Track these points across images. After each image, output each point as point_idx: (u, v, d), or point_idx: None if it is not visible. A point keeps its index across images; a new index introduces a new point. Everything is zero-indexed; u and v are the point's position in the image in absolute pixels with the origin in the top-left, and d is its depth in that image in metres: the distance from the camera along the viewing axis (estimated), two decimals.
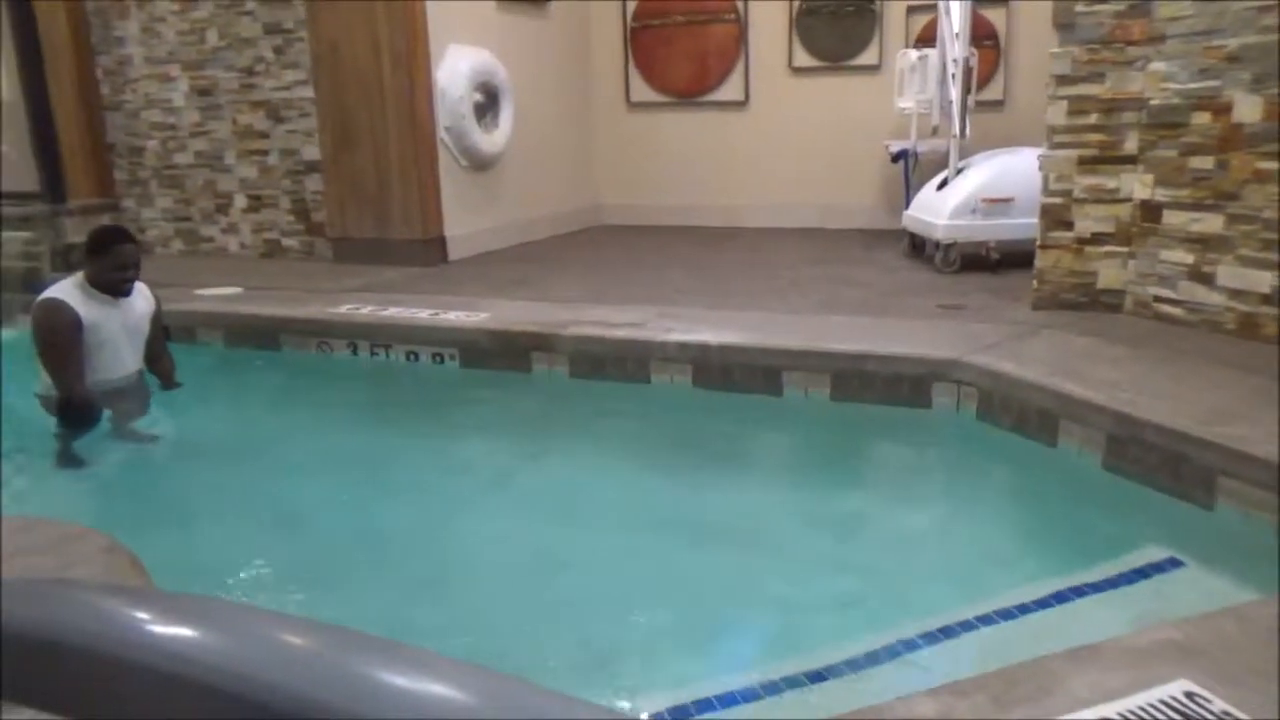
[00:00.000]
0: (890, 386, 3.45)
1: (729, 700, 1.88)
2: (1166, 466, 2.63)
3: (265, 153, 6.36)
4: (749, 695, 1.89)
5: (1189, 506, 2.53)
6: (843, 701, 1.76)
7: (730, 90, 7.39)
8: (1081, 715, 1.40)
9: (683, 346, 3.74)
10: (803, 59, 7.16)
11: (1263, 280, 3.49)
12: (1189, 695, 1.45)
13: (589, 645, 2.18)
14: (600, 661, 2.11)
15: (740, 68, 7.32)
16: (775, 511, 2.98)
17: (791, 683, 1.91)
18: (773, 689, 1.89)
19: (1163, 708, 1.41)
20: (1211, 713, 1.40)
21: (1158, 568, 2.28)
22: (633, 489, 3.12)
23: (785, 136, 7.27)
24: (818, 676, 1.93)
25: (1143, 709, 1.41)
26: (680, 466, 3.25)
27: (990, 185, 5.04)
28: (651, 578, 2.52)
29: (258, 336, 4.54)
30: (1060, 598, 2.15)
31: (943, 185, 5.32)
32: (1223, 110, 3.59)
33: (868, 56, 6.97)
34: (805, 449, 3.45)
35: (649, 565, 2.59)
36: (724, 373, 3.67)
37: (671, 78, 7.56)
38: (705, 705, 1.86)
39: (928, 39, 6.29)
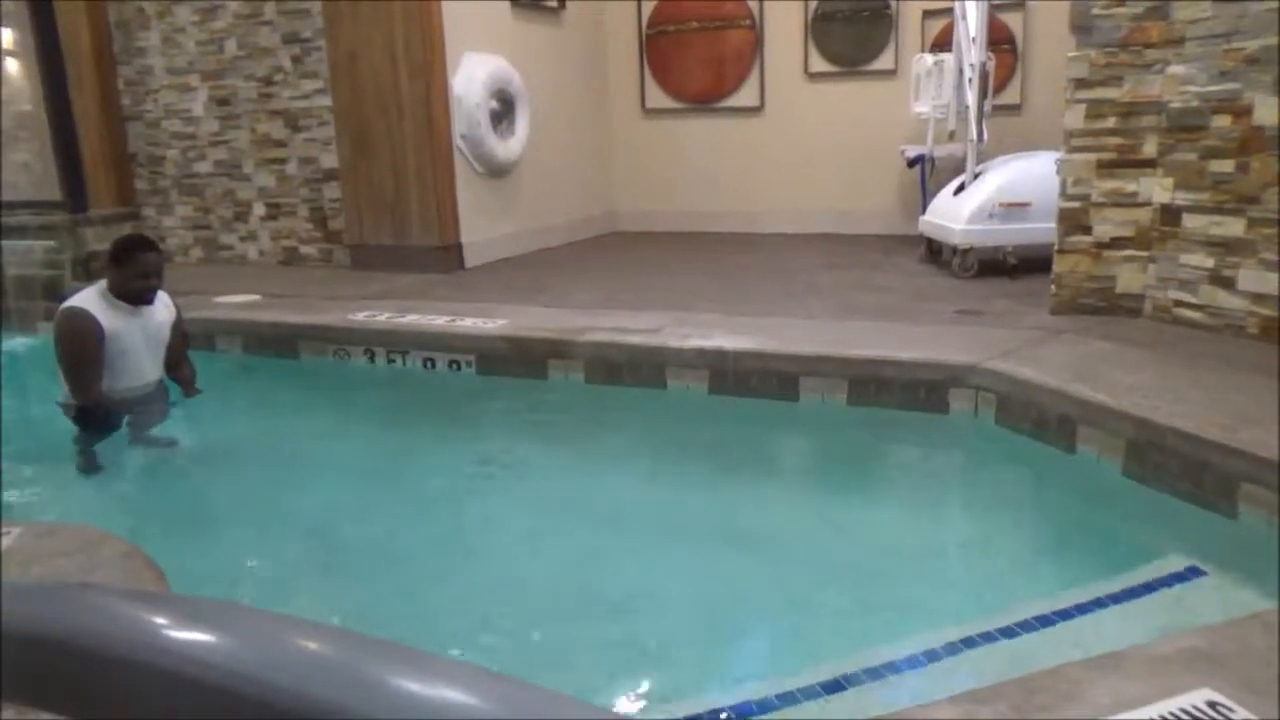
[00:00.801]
0: (907, 392, 3.43)
1: (745, 709, 1.87)
2: (1188, 473, 2.61)
3: (284, 161, 6.41)
4: (765, 705, 1.88)
5: (1211, 514, 2.50)
6: (860, 710, 1.75)
7: (746, 96, 7.38)
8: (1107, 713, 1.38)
9: (699, 353, 3.74)
10: (818, 64, 7.15)
11: None
12: (1212, 704, 1.43)
13: (606, 650, 2.17)
14: (618, 667, 2.11)
15: (756, 73, 7.32)
16: (791, 518, 2.97)
17: (808, 693, 1.90)
18: (790, 699, 1.88)
19: (1185, 717, 1.40)
20: None
21: (1179, 576, 2.25)
22: (650, 495, 3.12)
23: (801, 142, 7.26)
24: (835, 686, 1.92)
25: (1165, 718, 1.39)
26: (697, 473, 3.25)
27: (1007, 189, 5.01)
28: (668, 584, 2.51)
29: (276, 344, 4.56)
30: (1081, 607, 2.13)
31: (959, 190, 5.30)
32: (1243, 113, 3.56)
33: (884, 61, 6.96)
34: (822, 455, 3.44)
35: (666, 571, 2.58)
36: (740, 379, 3.66)
37: (687, 84, 7.56)
38: (718, 714, 1.86)
39: (944, 43, 6.28)
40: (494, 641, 2.23)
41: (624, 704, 1.93)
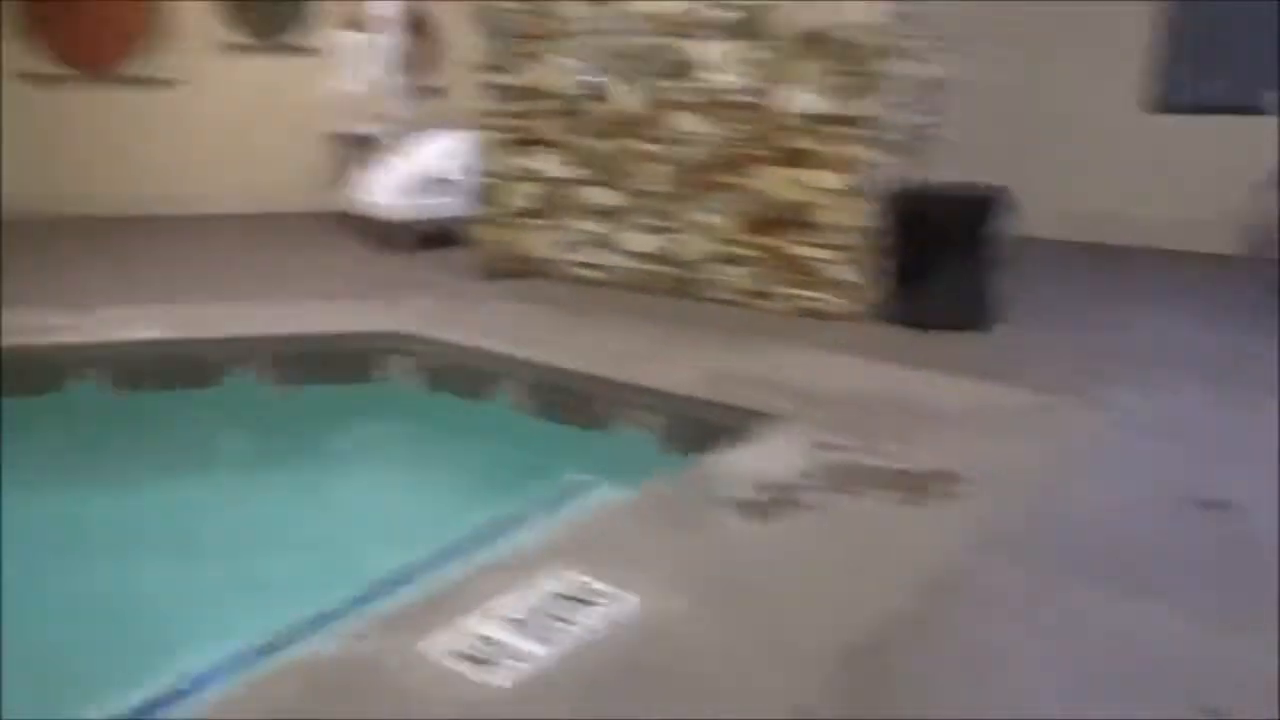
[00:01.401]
0: (339, 364, 3.47)
1: (177, 695, 1.83)
2: (585, 405, 3.05)
3: None
4: (208, 678, 1.86)
5: (603, 434, 2.96)
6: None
7: (155, 66, 6.76)
8: (487, 614, 1.60)
9: (94, 347, 3.39)
10: (233, 36, 6.81)
11: (651, 243, 4.17)
12: (581, 584, 1.74)
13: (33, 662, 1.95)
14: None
15: (163, 42, 6.74)
16: (219, 504, 2.86)
17: (246, 660, 1.90)
18: (235, 666, 1.87)
19: (551, 596, 1.69)
20: (590, 590, 1.71)
21: (578, 488, 2.64)
22: (44, 504, 2.78)
23: (222, 117, 6.84)
24: (271, 648, 1.94)
25: (538, 599, 1.67)
26: (104, 475, 2.99)
27: (432, 166, 5.30)
28: (91, 591, 2.34)
29: None
30: (496, 531, 2.41)
31: (386, 167, 5.46)
32: (609, 100, 4.18)
33: (305, 37, 6.86)
34: (251, 437, 3.30)
35: (83, 581, 2.38)
36: (150, 370, 3.37)
37: (78, 49, 6.68)
38: (159, 704, 1.82)
39: (367, 23, 6.36)
40: None
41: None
